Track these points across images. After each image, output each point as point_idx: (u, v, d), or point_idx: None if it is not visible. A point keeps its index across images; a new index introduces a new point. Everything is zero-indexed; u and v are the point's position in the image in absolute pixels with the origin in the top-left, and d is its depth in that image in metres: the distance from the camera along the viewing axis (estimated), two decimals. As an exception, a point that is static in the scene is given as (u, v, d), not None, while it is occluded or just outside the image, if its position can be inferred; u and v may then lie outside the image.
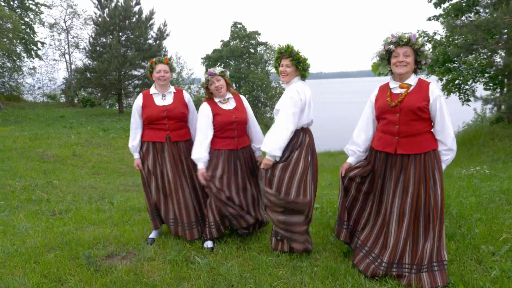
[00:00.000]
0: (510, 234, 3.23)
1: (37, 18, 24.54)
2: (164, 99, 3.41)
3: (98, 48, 19.15)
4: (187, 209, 3.40)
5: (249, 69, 33.19)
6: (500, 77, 12.53)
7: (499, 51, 11.11)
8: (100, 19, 19.01)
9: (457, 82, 14.00)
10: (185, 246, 3.33)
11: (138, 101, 3.44)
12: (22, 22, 22.51)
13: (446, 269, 2.56)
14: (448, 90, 14.23)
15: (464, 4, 12.96)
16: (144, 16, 19.43)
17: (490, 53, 11.42)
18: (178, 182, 3.38)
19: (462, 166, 8.32)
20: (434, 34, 14.63)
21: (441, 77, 14.38)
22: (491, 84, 13.07)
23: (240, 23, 33.88)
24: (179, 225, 3.43)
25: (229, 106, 3.34)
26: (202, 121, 3.26)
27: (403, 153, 2.58)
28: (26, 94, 26.95)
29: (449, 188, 5.30)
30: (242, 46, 33.42)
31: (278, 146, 2.90)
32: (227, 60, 33.37)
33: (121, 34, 19.21)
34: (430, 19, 14.57)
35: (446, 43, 13.33)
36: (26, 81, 26.65)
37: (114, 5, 18.94)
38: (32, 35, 23.88)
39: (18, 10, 23.25)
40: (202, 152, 3.22)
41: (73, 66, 25.32)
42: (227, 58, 33.32)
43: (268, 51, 34.84)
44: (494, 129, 12.42)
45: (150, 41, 19.74)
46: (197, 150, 3.24)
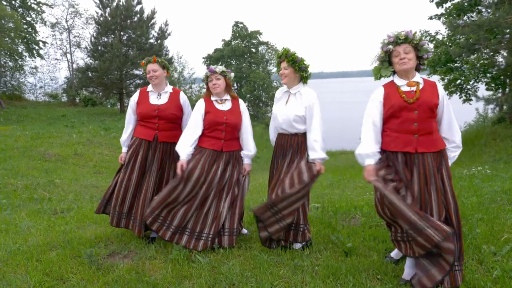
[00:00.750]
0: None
1: (39, 18, 24.59)
2: (159, 98, 3.42)
3: (99, 47, 19.20)
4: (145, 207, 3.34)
5: (250, 68, 33.15)
6: (502, 77, 12.50)
7: (501, 51, 11.08)
8: (101, 19, 19.05)
9: (458, 82, 13.98)
10: (186, 245, 3.33)
11: (135, 97, 3.49)
12: (24, 21, 22.55)
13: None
14: (450, 91, 14.21)
15: (466, 3, 12.93)
16: (145, 15, 19.47)
17: (492, 53, 11.39)
18: (155, 183, 3.36)
19: (464, 166, 8.31)
20: (436, 33, 14.61)
21: (443, 77, 14.36)
22: (493, 84, 13.05)
23: (241, 23, 33.85)
24: (132, 219, 3.42)
25: (224, 107, 3.31)
26: (194, 116, 3.28)
27: (424, 151, 2.48)
28: (28, 93, 27.00)
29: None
30: (244, 45, 33.38)
31: (324, 149, 3.07)
32: (229, 59, 33.34)
33: (122, 33, 19.24)
34: (431, 18, 14.54)
35: (448, 43, 13.31)
36: (28, 80, 26.76)
37: (115, 4, 18.98)
38: (34, 35, 23.92)
39: (20, 10, 23.29)
40: (187, 145, 3.20)
41: (74, 66, 25.41)
42: (229, 57, 33.28)
43: (269, 51, 34.81)
44: (496, 129, 12.40)
45: (152, 40, 19.78)
46: (183, 142, 3.21)
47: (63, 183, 6.64)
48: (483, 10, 11.70)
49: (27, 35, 22.57)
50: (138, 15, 19.34)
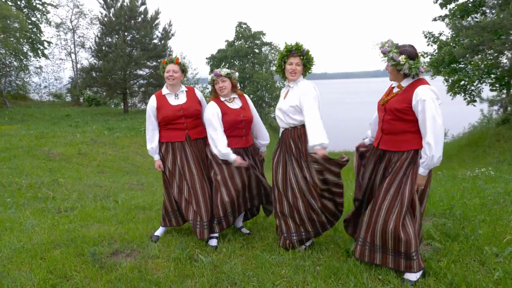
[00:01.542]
0: (514, 236, 3.21)
1: (43, 18, 24.79)
2: (177, 99, 3.40)
3: (103, 47, 19.30)
4: (207, 207, 3.33)
5: (253, 69, 33.17)
6: (506, 78, 12.45)
7: (506, 52, 11.04)
8: (106, 19, 19.16)
9: (462, 83, 13.92)
10: (189, 244, 3.36)
11: (152, 102, 3.38)
12: (29, 21, 22.73)
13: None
14: (454, 92, 14.14)
15: (470, 4, 12.89)
16: (149, 16, 19.56)
17: (496, 54, 11.35)
18: (204, 179, 3.36)
19: (467, 168, 8.28)
20: (440, 34, 14.56)
21: (447, 78, 14.30)
22: (497, 85, 12.99)
23: (245, 23, 33.87)
24: (198, 223, 3.34)
25: (235, 105, 3.37)
26: (213, 118, 3.23)
27: (383, 149, 2.77)
28: (33, 93, 27.22)
29: (453, 189, 5.28)
30: (247, 46, 33.40)
31: (325, 135, 2.93)
32: (232, 60, 33.37)
33: (126, 33, 19.34)
34: (435, 20, 14.50)
35: (452, 44, 13.26)
36: (33, 80, 26.97)
37: (119, 5, 19.08)
38: (38, 35, 24.12)
39: (25, 10, 23.49)
40: (227, 148, 3.21)
41: (79, 66, 25.59)
42: (232, 58, 33.31)
43: (272, 51, 34.81)
44: (500, 130, 12.32)
45: (155, 40, 19.87)
46: (222, 145, 3.20)
47: (67, 182, 6.68)
48: (487, 11, 11.66)
49: (32, 35, 22.75)
50: (142, 16, 19.43)
